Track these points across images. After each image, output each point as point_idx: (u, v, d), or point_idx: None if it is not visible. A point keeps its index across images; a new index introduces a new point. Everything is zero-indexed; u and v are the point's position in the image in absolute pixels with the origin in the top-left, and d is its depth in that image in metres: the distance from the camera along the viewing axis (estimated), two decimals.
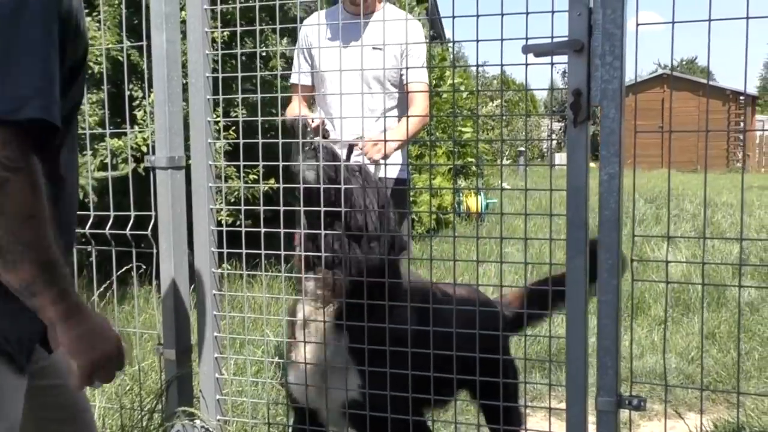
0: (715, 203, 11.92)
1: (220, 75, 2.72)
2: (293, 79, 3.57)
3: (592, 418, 2.23)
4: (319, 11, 3.39)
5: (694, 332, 5.09)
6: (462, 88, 9.60)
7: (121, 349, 1.52)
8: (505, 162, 13.47)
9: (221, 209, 2.83)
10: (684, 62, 48.14)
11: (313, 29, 3.41)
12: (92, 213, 2.94)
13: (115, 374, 1.54)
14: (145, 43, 2.80)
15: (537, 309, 2.64)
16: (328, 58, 3.20)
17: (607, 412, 2.18)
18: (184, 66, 2.81)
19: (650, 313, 5.61)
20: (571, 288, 2.19)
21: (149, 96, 4.42)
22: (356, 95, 2.93)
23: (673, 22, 2.13)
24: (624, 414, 2.33)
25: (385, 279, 2.43)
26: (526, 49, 2.18)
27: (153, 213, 2.79)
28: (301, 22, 3.56)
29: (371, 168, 2.80)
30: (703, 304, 5.40)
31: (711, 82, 27.99)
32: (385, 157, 2.86)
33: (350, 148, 2.89)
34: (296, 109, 3.26)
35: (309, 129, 2.80)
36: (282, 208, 2.54)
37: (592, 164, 2.19)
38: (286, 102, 3.48)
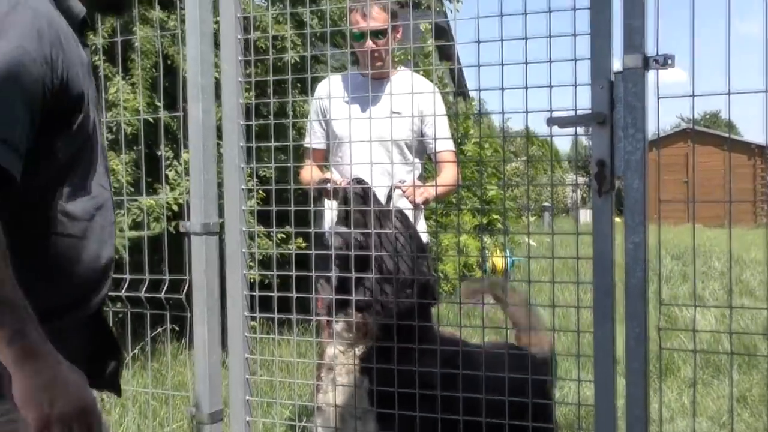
0: (743, 260, 11.76)
1: (254, 144, 2.82)
2: (307, 143, 3.61)
3: None
4: (331, 77, 3.48)
5: (725, 395, 5.02)
6: (487, 146, 9.69)
7: (89, 413, 1.36)
8: (530, 220, 13.47)
9: (254, 273, 2.90)
10: (707, 115, 47.98)
11: (328, 93, 3.45)
12: (128, 276, 3.03)
13: None
14: (181, 114, 2.91)
15: None
16: (344, 123, 3.21)
17: None
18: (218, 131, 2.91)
19: (680, 374, 5.54)
20: (599, 355, 2.21)
21: (181, 156, 4.57)
22: (376, 160, 3.01)
23: (693, 96, 2.19)
24: None
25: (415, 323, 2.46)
26: (550, 122, 2.25)
27: (187, 277, 2.86)
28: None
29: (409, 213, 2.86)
30: (731, 371, 5.34)
31: (735, 136, 27.77)
32: (426, 202, 2.95)
33: (390, 191, 2.97)
34: (311, 172, 3.33)
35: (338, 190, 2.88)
36: (313, 274, 2.61)
37: (618, 219, 2.22)
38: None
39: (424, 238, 3.41)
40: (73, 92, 1.46)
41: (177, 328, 3.15)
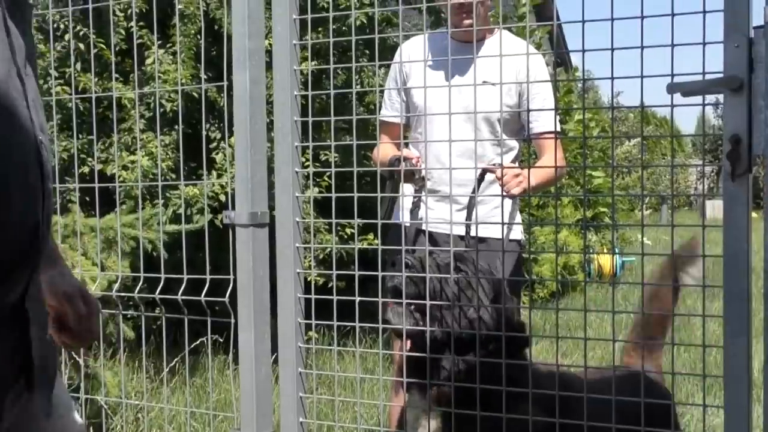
0: None
1: (310, 119, 2.79)
2: (383, 115, 3.55)
3: None
4: (413, 39, 3.43)
5: None
6: (592, 125, 9.51)
7: None
8: (644, 213, 13.21)
9: (309, 268, 2.88)
10: None
11: (411, 57, 3.42)
12: (163, 276, 3.05)
13: None
14: (225, 83, 2.91)
15: None
16: (429, 92, 3.05)
17: None
18: (269, 104, 2.90)
19: None
20: (729, 375, 2.12)
21: (228, 138, 4.60)
22: (463, 138, 2.96)
23: None
24: None
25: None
26: (671, 88, 2.15)
27: (232, 277, 2.86)
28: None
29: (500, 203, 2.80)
30: None
31: None
32: (524, 192, 2.87)
33: (483, 173, 2.89)
34: (386, 150, 3.29)
35: (416, 176, 2.84)
36: (380, 273, 2.58)
37: (754, 213, 2.13)
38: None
39: (518, 234, 3.34)
40: None
41: (221, 339, 3.16)
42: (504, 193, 2.86)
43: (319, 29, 4.92)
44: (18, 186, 1.33)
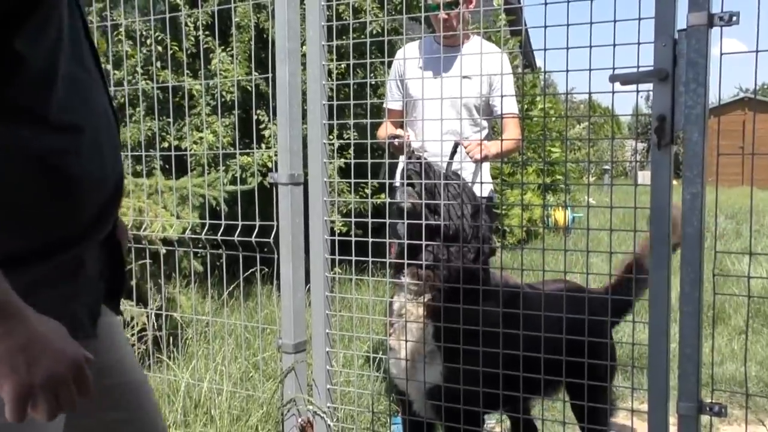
0: None
1: (335, 102, 2.77)
2: (386, 104, 3.53)
3: (672, 420, 2.13)
4: (409, 44, 3.40)
5: None
6: (552, 112, 9.42)
7: (81, 369, 1.03)
8: (590, 180, 13.13)
9: (334, 220, 2.87)
10: (765, 86, 45.63)
11: (406, 57, 3.39)
12: (223, 222, 3.04)
13: (74, 400, 1.03)
14: (270, 75, 2.87)
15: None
16: (420, 85, 3.16)
17: (688, 416, 2.08)
18: (303, 94, 2.87)
19: (730, 323, 5.31)
20: (654, 298, 2.10)
21: (273, 119, 4.58)
22: (446, 120, 2.92)
23: (757, 51, 2.02)
24: (704, 418, 2.22)
25: (477, 270, 2.40)
26: (613, 78, 2.11)
27: (275, 223, 2.85)
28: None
29: (471, 167, 2.78)
30: None
31: None
32: (485, 158, 2.86)
33: (455, 146, 2.89)
34: (387, 130, 3.26)
35: (406, 148, 2.83)
36: (387, 221, 2.56)
37: (674, 182, 2.10)
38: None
39: (488, 190, 3.32)
40: None
41: (267, 270, 3.15)
42: (470, 159, 2.91)
43: (344, 37, 4.87)
44: (108, 145, 1.29)
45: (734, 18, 1.98)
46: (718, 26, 1.99)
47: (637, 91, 2.19)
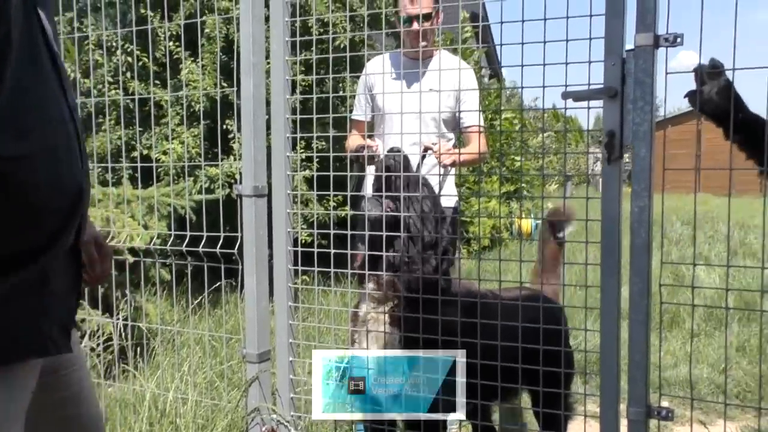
0: (748, 225, 11.46)
1: (298, 116, 2.77)
2: (354, 114, 3.53)
3: (624, 421, 2.17)
4: (376, 57, 3.42)
5: (725, 345, 4.90)
6: (515, 122, 9.51)
7: None
8: (552, 187, 13.25)
9: (298, 231, 2.87)
10: None
11: (375, 70, 3.38)
12: (188, 233, 3.03)
13: None
14: (234, 88, 2.87)
15: None
16: (389, 98, 3.17)
17: (637, 421, 2.12)
18: (269, 105, 2.87)
19: (684, 326, 5.43)
20: (605, 306, 2.14)
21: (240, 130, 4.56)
22: (414, 133, 2.94)
23: (700, 71, 2.07)
24: (654, 421, 2.27)
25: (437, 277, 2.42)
26: (565, 95, 2.15)
27: (239, 234, 2.84)
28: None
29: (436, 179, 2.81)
30: (726, 327, 5.21)
31: None
32: (453, 164, 2.88)
33: (425, 150, 2.90)
34: (356, 141, 3.26)
35: (375, 156, 2.83)
36: (350, 232, 2.57)
37: (627, 189, 2.14)
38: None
39: (453, 201, 3.34)
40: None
41: (234, 283, 3.14)
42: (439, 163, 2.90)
43: (311, 48, 4.87)
44: (64, 150, 1.27)
45: (678, 39, 2.03)
46: (663, 47, 2.04)
47: (588, 108, 2.23)
